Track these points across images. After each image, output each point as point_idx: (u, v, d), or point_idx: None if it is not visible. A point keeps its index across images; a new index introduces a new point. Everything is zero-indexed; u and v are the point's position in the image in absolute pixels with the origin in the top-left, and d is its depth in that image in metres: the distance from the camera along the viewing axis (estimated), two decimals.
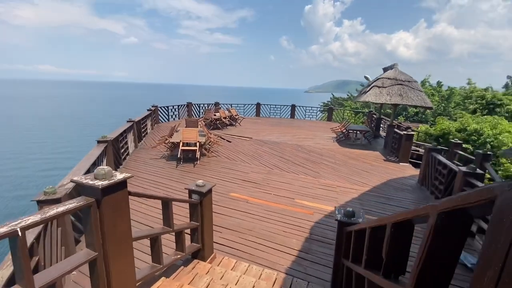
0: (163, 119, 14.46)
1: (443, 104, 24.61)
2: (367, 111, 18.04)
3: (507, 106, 12.81)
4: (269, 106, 18.68)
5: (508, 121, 10.92)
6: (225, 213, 4.77)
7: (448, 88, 26.04)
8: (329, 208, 5.15)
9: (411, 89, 9.55)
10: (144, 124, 10.70)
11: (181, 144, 7.56)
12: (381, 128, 12.69)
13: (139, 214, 4.56)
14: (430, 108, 9.83)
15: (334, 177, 7.01)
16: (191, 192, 2.92)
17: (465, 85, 27.42)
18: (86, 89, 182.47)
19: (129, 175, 1.73)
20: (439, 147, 8.11)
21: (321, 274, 3.32)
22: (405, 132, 8.37)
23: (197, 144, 7.70)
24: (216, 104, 16.76)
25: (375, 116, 13.60)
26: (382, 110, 13.19)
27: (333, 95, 35.63)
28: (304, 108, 18.32)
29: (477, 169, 4.59)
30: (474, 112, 13.49)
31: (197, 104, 16.90)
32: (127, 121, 8.54)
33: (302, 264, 3.50)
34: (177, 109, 15.19)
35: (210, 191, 3.02)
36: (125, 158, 7.56)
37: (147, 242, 2.45)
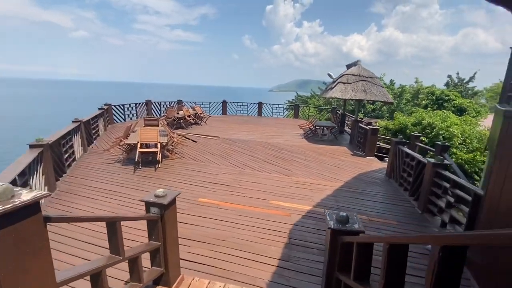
0: (119, 119, 13.07)
1: (396, 101, 26.56)
2: (330, 108, 18.57)
3: (453, 101, 14.13)
4: (235, 104, 18.17)
5: (455, 115, 11.96)
6: (193, 222, 4.20)
7: (400, 86, 28.13)
8: (305, 208, 4.87)
9: (373, 85, 9.85)
10: (95, 125, 9.45)
11: (139, 145, 6.70)
12: (345, 124, 13.03)
13: (83, 237, 3.76)
14: (391, 103, 10.29)
15: (307, 174, 6.82)
16: (149, 205, 2.34)
17: (413, 84, 29.96)
18: (29, 88, 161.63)
19: (43, 193, 1.14)
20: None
21: (306, 285, 2.97)
22: (370, 127, 8.56)
23: (158, 145, 6.91)
24: (179, 102, 15.74)
25: (339, 112, 13.95)
26: (343, 107, 13.56)
27: (297, 93, 36.42)
28: (271, 105, 18.19)
29: (445, 160, 4.69)
30: (426, 107, 14.65)
31: (158, 102, 15.68)
32: (73, 121, 7.37)
33: (284, 275, 3.12)
34: (134, 108, 13.86)
35: (173, 201, 2.47)
36: (70, 165, 6.46)
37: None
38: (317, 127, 11.65)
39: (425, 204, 4.83)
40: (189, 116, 12.48)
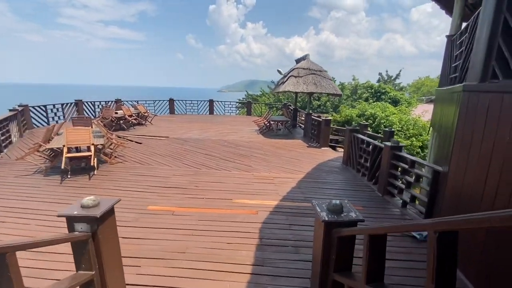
0: (40, 123, 10.85)
1: (337, 98, 28.73)
2: (281, 104, 18.86)
3: (389, 94, 15.72)
4: (184, 102, 17.03)
5: (392, 105, 13.24)
6: (143, 236, 3.43)
7: (340, 83, 30.43)
8: (272, 203, 4.51)
9: (323, 78, 10.14)
10: (4, 130, 7.54)
11: (65, 150, 5.45)
12: (298, 118, 13.28)
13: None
14: (340, 95, 10.79)
15: (268, 168, 6.50)
16: (72, 220, 1.62)
17: (351, 81, 32.81)
18: None
19: None
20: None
21: None
22: (323, 118, 8.73)
23: (92, 148, 5.74)
24: (118, 100, 13.94)
25: (291, 107, 14.16)
26: (295, 101, 13.83)
27: (247, 92, 36.47)
28: (223, 103, 17.58)
29: (399, 143, 4.86)
30: (367, 99, 16.00)
31: (92, 102, 13.61)
32: None
33: (261, 282, 2.66)
34: (61, 109, 11.69)
35: (110, 211, 1.79)
36: None
37: None
38: (272, 122, 11.53)
39: (384, 187, 4.94)
40: (130, 116, 11.07)
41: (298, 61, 11.51)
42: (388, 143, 4.85)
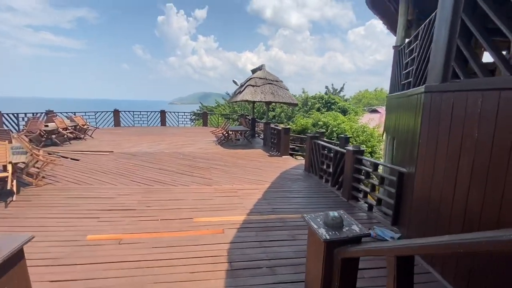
0: None
1: (290, 108, 29.96)
2: (238, 115, 18.68)
3: (338, 104, 16.86)
4: (132, 113, 15.57)
5: (342, 114, 14.14)
6: (79, 276, 2.65)
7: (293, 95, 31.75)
8: (238, 218, 4.07)
9: (279, 88, 10.25)
10: None
11: None
12: (256, 128, 13.18)
13: None
14: (296, 105, 11.02)
15: (230, 180, 6.06)
16: None
17: (301, 94, 34.66)
18: None
19: None
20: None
21: None
22: (283, 126, 8.72)
23: (9, 167, 4.55)
24: (49, 112, 11.96)
25: (248, 117, 14.03)
26: (252, 111, 13.78)
27: (202, 104, 35.60)
28: (177, 114, 16.59)
29: (360, 147, 4.95)
30: (319, 109, 16.87)
31: (14, 114, 11.42)
32: None
33: None
34: None
35: (18, 255, 1.18)
36: None
37: None
38: (230, 132, 11.15)
39: (349, 192, 4.94)
40: (65, 129, 9.52)
41: (254, 71, 11.50)
42: (350, 148, 4.90)
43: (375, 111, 20.15)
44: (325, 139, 8.78)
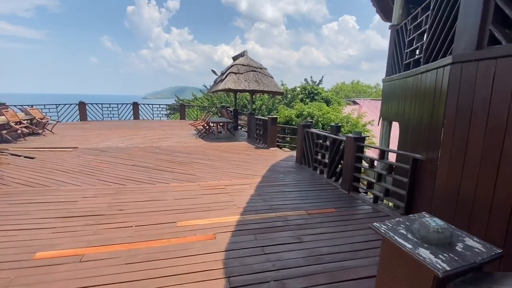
0: None
1: (271, 101, 29.51)
2: (218, 107, 17.81)
3: (321, 94, 16.63)
4: (100, 106, 14.13)
5: (326, 105, 13.87)
6: None
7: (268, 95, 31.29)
8: (231, 219, 3.45)
9: (264, 76, 9.63)
10: None
11: None
12: (239, 120, 12.50)
13: None
14: (282, 93, 10.48)
15: (216, 176, 5.39)
16: None
17: (280, 86, 34.31)
18: None
19: None
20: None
21: None
22: (269, 116, 8.15)
23: None
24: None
25: (230, 109, 13.28)
26: (234, 102, 13.06)
27: (178, 97, 33.96)
28: (151, 106, 15.37)
29: (361, 134, 4.51)
30: (302, 100, 16.53)
31: None
32: None
33: None
34: None
35: None
36: None
37: None
38: (211, 124, 10.38)
39: (350, 183, 4.50)
40: (18, 123, 8.19)
41: (235, 58, 10.75)
42: (351, 135, 4.44)
43: (354, 102, 20.27)
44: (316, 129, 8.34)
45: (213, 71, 14.70)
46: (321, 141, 5.52)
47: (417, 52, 3.96)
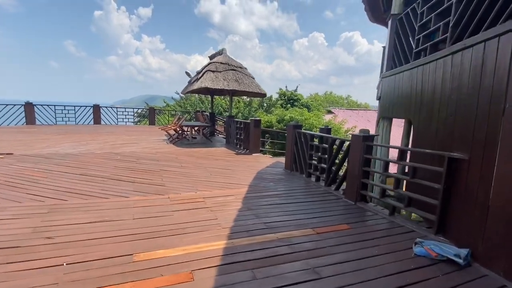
0: None
1: (247, 109, 28.89)
2: (192, 111, 16.61)
3: (301, 101, 16.27)
4: (53, 108, 12.24)
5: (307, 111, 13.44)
6: None
7: (249, 98, 30.81)
8: (214, 247, 2.45)
9: (245, 76, 8.81)
10: None
11: None
12: (215, 124, 11.47)
13: None
14: (264, 95, 9.71)
15: (192, 186, 4.33)
16: None
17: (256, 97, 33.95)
18: None
19: None
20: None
21: None
22: (252, 118, 7.29)
23: None
24: None
25: (206, 113, 12.23)
26: (211, 105, 12.06)
27: (147, 104, 31.97)
28: (115, 109, 13.73)
29: (369, 132, 3.81)
30: (282, 106, 16.00)
31: None
32: None
33: None
34: None
35: None
36: None
37: None
38: (185, 128, 9.24)
39: (357, 191, 3.74)
40: None
41: (212, 57, 9.84)
42: (359, 133, 3.72)
43: (329, 112, 20.31)
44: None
45: (187, 73, 13.62)
46: (316, 143, 4.75)
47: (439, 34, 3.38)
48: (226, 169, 5.64)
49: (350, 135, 3.87)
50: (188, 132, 9.37)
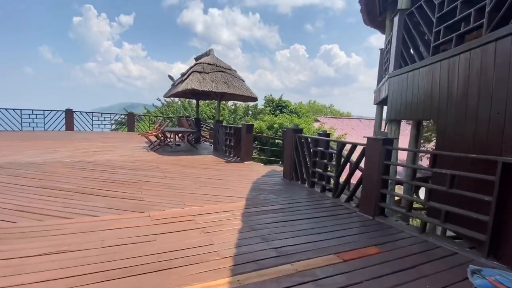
0: None
1: (232, 116, 28.31)
2: (175, 117, 15.74)
3: (289, 107, 15.90)
4: (19, 112, 10.96)
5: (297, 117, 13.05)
6: None
7: (233, 104, 30.35)
8: (218, 287, 1.78)
9: (234, 78, 8.25)
10: None
11: None
12: (201, 130, 10.74)
13: None
14: (255, 99, 9.16)
15: (178, 200, 3.61)
16: None
17: (241, 103, 33.57)
18: None
19: None
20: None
21: None
22: (244, 123, 6.68)
23: None
24: None
25: (191, 118, 11.48)
26: (196, 110, 11.34)
27: (126, 110, 30.50)
28: (91, 115, 12.60)
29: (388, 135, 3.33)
30: (270, 112, 15.55)
31: None
32: None
33: None
34: None
35: None
36: None
37: None
38: (167, 134, 8.45)
39: (376, 204, 3.21)
40: None
41: (198, 58, 9.21)
42: (376, 136, 3.22)
43: (316, 120, 20.18)
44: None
45: (170, 76, 12.83)
46: (321, 148, 4.21)
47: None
48: (217, 179, 4.96)
49: (365, 139, 3.36)
50: (171, 139, 8.58)
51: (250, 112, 27.54)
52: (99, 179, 4.46)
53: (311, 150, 4.38)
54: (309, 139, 4.53)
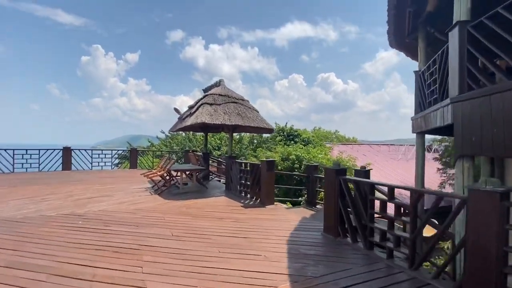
0: None
1: (238, 146, 27.54)
2: (181, 151, 14.87)
3: (301, 136, 15.07)
4: (11, 153, 10.13)
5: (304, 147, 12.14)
6: None
7: (238, 134, 29.80)
8: None
9: (248, 109, 7.47)
10: None
11: None
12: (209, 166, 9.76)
13: None
14: (272, 130, 8.29)
15: (195, 285, 2.49)
16: None
17: (246, 133, 33.03)
18: None
19: None
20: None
21: None
22: (265, 159, 5.71)
23: None
24: None
25: (199, 152, 10.58)
26: (205, 143, 10.47)
27: (130, 144, 29.86)
28: (90, 153, 11.74)
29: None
30: (280, 141, 14.68)
31: None
32: None
33: None
34: None
35: None
36: None
37: None
38: (173, 173, 7.46)
39: (497, 284, 2.08)
40: None
41: (207, 89, 8.55)
42: (490, 188, 2.19)
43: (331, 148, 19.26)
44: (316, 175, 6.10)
45: (176, 109, 12.21)
46: (383, 196, 3.16)
47: None
48: (239, 236, 3.85)
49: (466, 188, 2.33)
50: (178, 178, 7.58)
51: (255, 141, 26.78)
52: (86, 244, 3.38)
53: (368, 199, 3.32)
54: (360, 184, 3.49)
